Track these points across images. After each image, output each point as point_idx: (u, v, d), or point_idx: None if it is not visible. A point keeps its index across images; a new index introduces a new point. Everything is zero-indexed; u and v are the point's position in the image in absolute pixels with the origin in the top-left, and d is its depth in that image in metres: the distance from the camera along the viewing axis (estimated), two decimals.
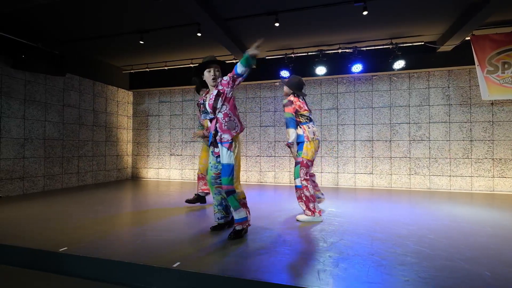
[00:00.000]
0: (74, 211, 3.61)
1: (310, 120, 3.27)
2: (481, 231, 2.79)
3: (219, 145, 2.53)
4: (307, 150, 3.15)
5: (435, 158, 5.51)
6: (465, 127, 5.39)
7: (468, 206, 3.97)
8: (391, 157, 5.71)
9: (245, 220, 2.56)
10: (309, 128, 3.20)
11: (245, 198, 2.59)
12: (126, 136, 7.30)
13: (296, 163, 3.17)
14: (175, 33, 4.86)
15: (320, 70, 5.46)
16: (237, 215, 2.53)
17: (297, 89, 3.32)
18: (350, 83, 5.96)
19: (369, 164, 5.82)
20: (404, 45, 5.10)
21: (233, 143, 2.51)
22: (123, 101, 7.20)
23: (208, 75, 2.60)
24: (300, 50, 5.61)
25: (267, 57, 5.86)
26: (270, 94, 6.45)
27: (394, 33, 4.95)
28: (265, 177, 6.44)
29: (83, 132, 6.08)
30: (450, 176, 5.44)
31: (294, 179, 3.16)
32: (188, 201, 3.96)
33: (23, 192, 4.93)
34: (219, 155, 2.59)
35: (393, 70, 5.29)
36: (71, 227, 2.89)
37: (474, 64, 4.91)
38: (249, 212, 2.62)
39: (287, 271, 1.90)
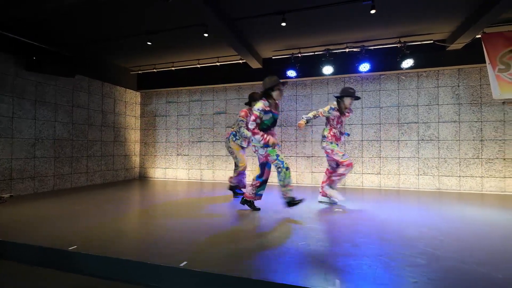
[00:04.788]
0: (84, 210, 3.67)
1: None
2: (492, 233, 2.73)
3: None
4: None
5: (444, 158, 5.42)
6: (476, 126, 5.28)
7: (479, 207, 3.89)
8: (399, 157, 5.64)
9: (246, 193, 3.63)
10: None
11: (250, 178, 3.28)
12: (134, 136, 7.39)
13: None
14: (182, 33, 4.90)
15: (327, 69, 5.42)
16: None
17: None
18: (357, 82, 5.91)
19: (377, 164, 5.76)
20: (413, 43, 5.02)
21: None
22: (131, 102, 7.28)
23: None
24: (307, 49, 5.59)
25: (273, 57, 5.85)
26: None
27: (403, 31, 4.88)
28: (272, 177, 6.40)
29: (92, 133, 6.17)
30: (460, 176, 5.34)
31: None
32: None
33: (33, 191, 5.03)
34: None
35: (401, 69, 5.21)
36: (80, 226, 2.93)
37: (485, 63, 4.81)
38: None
39: (294, 271, 1.89)
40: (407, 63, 5.04)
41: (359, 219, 3.25)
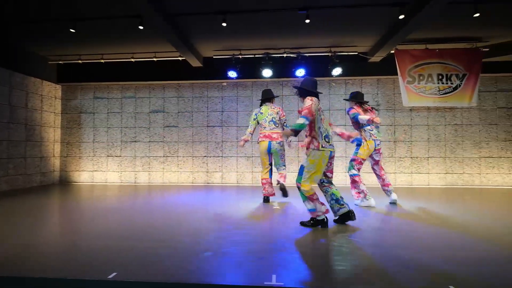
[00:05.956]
0: None
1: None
2: (403, 221, 3.20)
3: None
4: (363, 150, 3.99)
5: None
6: (390, 129, 6.13)
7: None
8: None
9: (313, 211, 2.85)
10: (365, 131, 4.00)
11: (313, 194, 2.86)
12: (53, 135, 6.45)
13: (351, 160, 4.04)
14: (114, 23, 4.48)
15: (267, 72, 5.61)
16: (307, 205, 2.88)
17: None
18: None
19: None
20: (341, 53, 5.57)
21: (311, 152, 2.89)
22: (49, 96, 6.34)
23: None
24: (248, 51, 5.69)
25: (214, 56, 5.81)
26: (217, 94, 6.39)
27: (333, 42, 5.37)
28: (212, 177, 6.36)
29: None
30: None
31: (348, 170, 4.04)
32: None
33: None
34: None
35: (332, 76, 5.72)
36: None
37: (397, 75, 5.63)
38: (321, 204, 2.87)
39: (233, 272, 1.90)
40: (337, 71, 5.56)
41: (294, 215, 3.44)
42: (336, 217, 3.01)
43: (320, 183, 3.01)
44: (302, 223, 2.94)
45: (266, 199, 4.21)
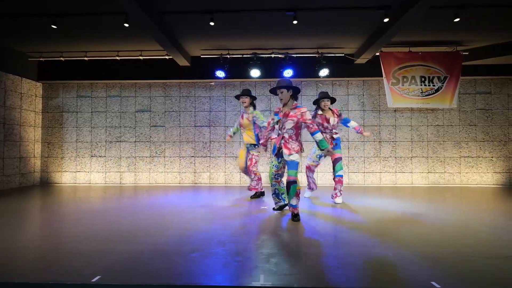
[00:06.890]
0: None
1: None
2: (384, 219, 3.28)
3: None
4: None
5: (353, 157, 6.25)
6: (376, 130, 6.27)
7: (378, 198, 4.63)
8: None
9: (295, 206, 3.14)
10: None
11: (300, 189, 3.21)
12: (33, 134, 6.22)
13: (339, 159, 4.11)
14: (98, 20, 4.37)
15: (255, 72, 5.62)
16: (293, 201, 3.13)
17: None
18: None
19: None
20: (328, 55, 5.64)
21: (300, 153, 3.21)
22: (29, 94, 6.11)
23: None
24: (236, 51, 5.67)
25: (202, 56, 5.76)
26: (205, 94, 6.35)
27: (320, 43, 5.43)
28: (200, 178, 6.30)
29: None
30: (364, 172, 6.24)
31: (339, 170, 4.10)
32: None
33: None
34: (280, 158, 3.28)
35: (319, 77, 5.79)
36: None
37: (382, 76, 5.76)
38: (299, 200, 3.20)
39: (221, 272, 1.89)
40: (324, 72, 5.63)
41: (281, 215, 3.46)
42: (277, 207, 3.56)
43: (274, 177, 3.36)
44: (293, 219, 3.13)
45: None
